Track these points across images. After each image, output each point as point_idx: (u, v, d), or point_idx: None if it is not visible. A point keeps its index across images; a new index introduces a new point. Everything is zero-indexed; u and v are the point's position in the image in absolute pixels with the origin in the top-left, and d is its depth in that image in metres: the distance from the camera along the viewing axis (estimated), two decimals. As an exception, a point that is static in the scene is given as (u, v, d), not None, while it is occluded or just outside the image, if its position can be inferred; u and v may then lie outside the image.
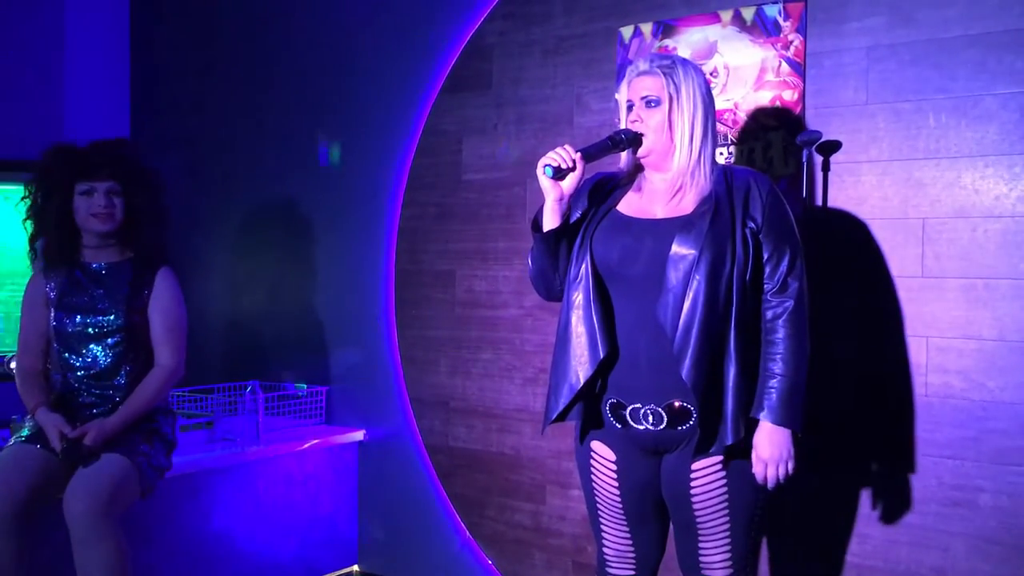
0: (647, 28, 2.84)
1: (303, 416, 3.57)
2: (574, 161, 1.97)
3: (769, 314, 1.98)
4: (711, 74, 2.69)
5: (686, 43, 2.75)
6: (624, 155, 2.09)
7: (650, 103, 2.01)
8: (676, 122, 2.00)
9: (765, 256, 1.98)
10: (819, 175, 2.55)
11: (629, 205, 2.07)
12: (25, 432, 2.65)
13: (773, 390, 1.95)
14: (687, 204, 2.00)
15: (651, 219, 2.02)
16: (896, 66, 2.45)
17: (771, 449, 1.95)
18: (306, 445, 3.37)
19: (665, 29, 2.80)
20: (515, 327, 3.15)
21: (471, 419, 3.26)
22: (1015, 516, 2.31)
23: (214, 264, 4.00)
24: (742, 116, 2.66)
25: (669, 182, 2.03)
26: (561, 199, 2.01)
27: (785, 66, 2.59)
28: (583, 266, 2.02)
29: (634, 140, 2.02)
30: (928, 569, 2.42)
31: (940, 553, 2.40)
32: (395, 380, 3.46)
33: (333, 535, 3.49)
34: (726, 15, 2.68)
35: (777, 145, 2.61)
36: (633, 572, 2.16)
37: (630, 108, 2.05)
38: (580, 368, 2.00)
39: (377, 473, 3.51)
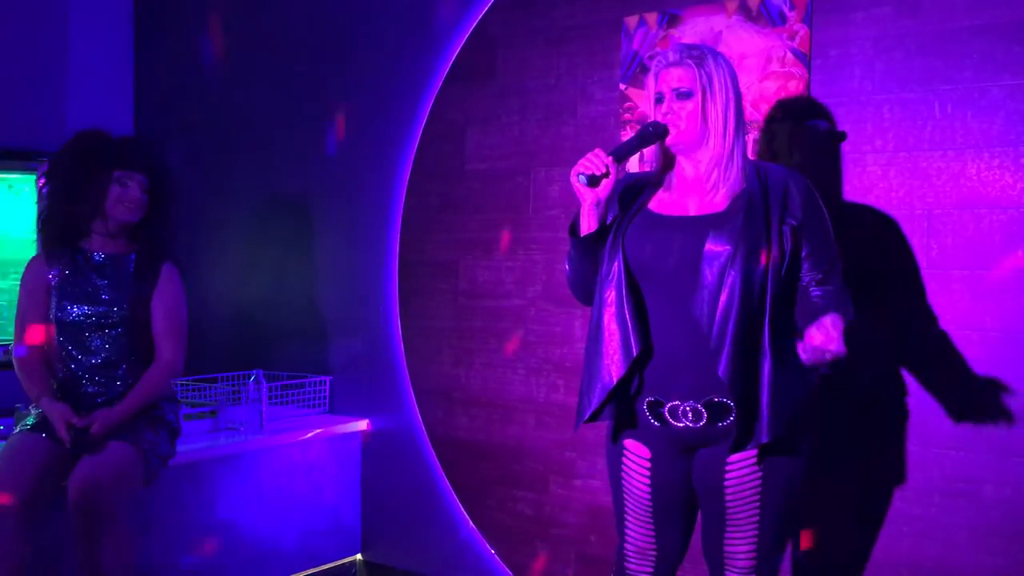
0: (652, 18, 2.83)
1: (306, 405, 3.57)
2: (607, 166, 1.97)
3: (812, 292, 2.00)
4: (716, 64, 2.68)
5: (691, 33, 2.74)
6: (651, 151, 2.08)
7: (682, 95, 1.99)
8: (710, 113, 1.98)
9: (805, 252, 1.98)
10: (824, 166, 2.54)
11: (661, 203, 2.06)
12: (31, 420, 2.65)
13: (818, 299, 1.97)
14: (720, 200, 1.99)
15: (684, 216, 2.01)
16: (902, 56, 2.45)
17: (820, 335, 1.90)
18: (309, 434, 3.37)
19: (670, 19, 2.79)
20: (518, 317, 3.15)
21: (474, 409, 3.26)
22: (1018, 508, 2.31)
23: (218, 254, 4.00)
24: (747, 106, 2.65)
25: (703, 173, 2.01)
26: (597, 203, 2.01)
27: (790, 56, 2.58)
28: (615, 264, 2.01)
29: (662, 134, 2.01)
30: (931, 560, 2.42)
31: (943, 544, 2.40)
32: (398, 370, 3.46)
33: (336, 524, 3.49)
34: (731, 4, 2.67)
35: (782, 136, 2.60)
36: (651, 570, 2.14)
37: (659, 100, 2.03)
38: (613, 367, 2.00)
39: (380, 463, 3.52)
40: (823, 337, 1.89)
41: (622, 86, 2.89)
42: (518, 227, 3.13)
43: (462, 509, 3.30)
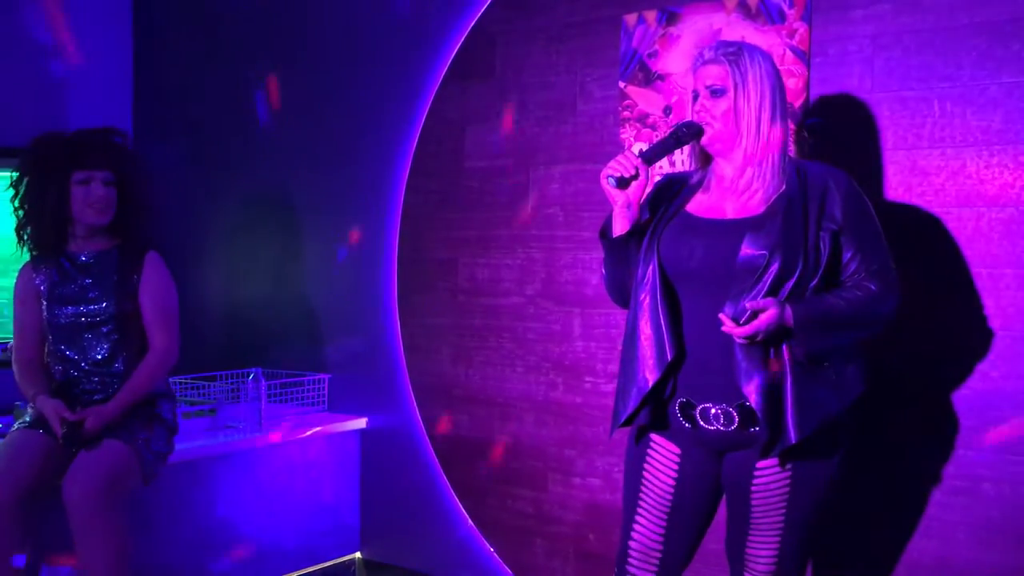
0: (651, 15, 2.83)
1: (305, 404, 3.57)
2: (636, 168, 1.96)
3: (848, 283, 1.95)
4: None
5: (690, 30, 2.74)
6: (688, 151, 2.07)
7: (715, 92, 1.98)
8: (742, 110, 1.96)
9: (847, 256, 1.94)
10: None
11: (699, 205, 2.04)
12: (28, 418, 2.66)
13: (812, 295, 1.90)
14: (757, 202, 1.96)
15: (720, 219, 1.99)
16: (901, 54, 2.44)
17: (768, 318, 1.84)
18: (308, 433, 3.37)
19: (669, 17, 2.79)
20: (517, 315, 3.14)
21: (473, 407, 3.26)
22: (1017, 506, 2.31)
23: (217, 251, 4.00)
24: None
25: (738, 172, 1.99)
26: (628, 206, 2.00)
27: (789, 54, 2.58)
28: (650, 267, 1.99)
29: (697, 133, 1.99)
30: (930, 558, 2.42)
31: (942, 543, 2.40)
32: (397, 368, 3.46)
33: (335, 522, 3.49)
34: (730, 2, 2.67)
35: (781, 133, 2.60)
36: (654, 574, 2.11)
37: (695, 98, 2.02)
38: (648, 371, 1.98)
39: (379, 460, 3.52)
40: (756, 323, 1.83)
41: (621, 84, 2.89)
42: (517, 225, 3.13)
43: (461, 507, 3.30)
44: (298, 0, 3.72)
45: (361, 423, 3.53)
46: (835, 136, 2.52)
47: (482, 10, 3.20)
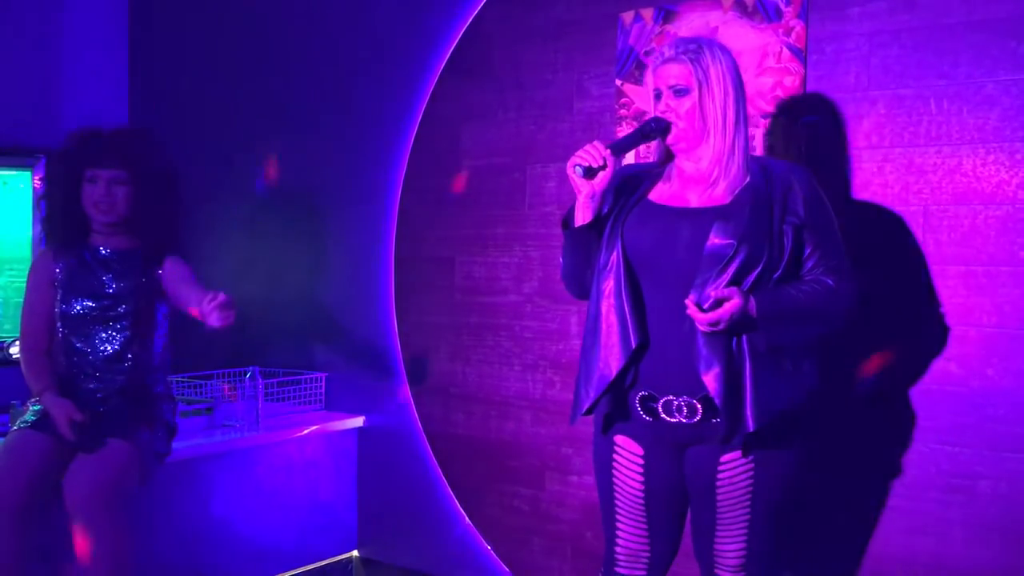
0: (648, 13, 2.83)
1: (303, 402, 3.57)
2: (604, 159, 1.95)
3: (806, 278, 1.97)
4: (712, 60, 2.68)
5: (687, 28, 2.74)
6: (654, 146, 2.07)
7: (679, 91, 1.97)
8: (708, 109, 1.96)
9: (807, 251, 1.96)
10: (820, 162, 2.54)
11: (661, 194, 2.04)
12: (29, 417, 2.64)
13: (773, 287, 1.91)
14: (722, 193, 1.96)
15: (685, 207, 1.99)
16: (898, 52, 2.44)
17: (731, 307, 1.84)
18: (306, 431, 3.37)
19: (666, 15, 2.79)
20: (514, 314, 3.15)
21: (470, 405, 3.26)
22: (1014, 503, 2.31)
23: (214, 250, 3.99)
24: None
25: (703, 170, 1.99)
26: (593, 195, 1.99)
27: (786, 52, 2.58)
28: (614, 254, 1.99)
29: (664, 129, 1.99)
30: (926, 556, 2.43)
31: (938, 540, 2.41)
32: (394, 366, 3.46)
33: (332, 521, 3.49)
34: (727, 0, 2.67)
35: (778, 132, 2.60)
36: (644, 574, 2.11)
37: (658, 97, 2.02)
38: (612, 359, 1.97)
39: (376, 459, 3.52)
40: (720, 311, 1.84)
41: (618, 82, 2.89)
42: (514, 223, 3.13)
43: (458, 505, 3.30)
44: (295, -2, 3.73)
45: (358, 422, 3.53)
46: (832, 134, 2.52)
47: (479, 7, 3.20)
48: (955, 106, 2.37)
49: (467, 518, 3.28)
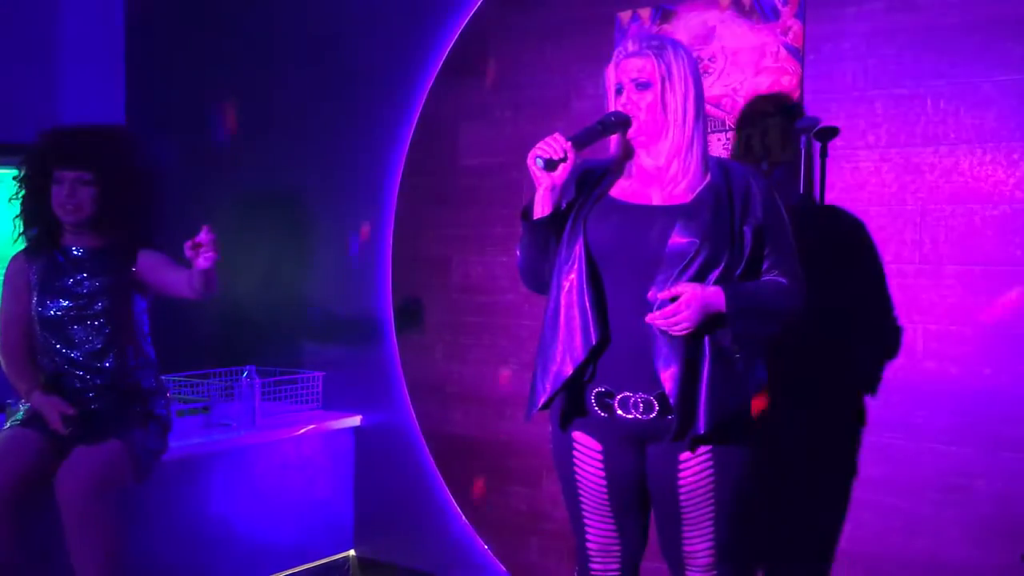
0: (645, 13, 2.83)
1: (300, 401, 3.57)
2: (565, 151, 1.94)
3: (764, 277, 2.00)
4: (709, 59, 2.69)
5: (684, 28, 2.74)
6: (614, 139, 2.07)
7: (641, 85, 1.99)
8: (669, 103, 1.97)
9: (766, 252, 1.98)
10: (817, 161, 2.54)
11: (622, 191, 2.04)
12: (20, 416, 2.65)
13: (736, 282, 1.93)
14: (683, 191, 1.97)
15: (647, 205, 2.00)
16: (895, 52, 2.45)
17: (691, 299, 1.86)
18: (302, 430, 3.36)
19: (663, 14, 2.79)
20: (511, 313, 3.14)
21: (467, 404, 3.26)
22: (1010, 502, 2.32)
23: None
24: (740, 102, 2.65)
25: (662, 166, 2.00)
26: (553, 188, 1.98)
27: (783, 51, 2.58)
28: (576, 248, 1.98)
29: (624, 123, 2.00)
30: (923, 555, 2.43)
31: (934, 539, 2.41)
32: (391, 366, 3.45)
33: (329, 520, 3.49)
34: (724, 0, 2.67)
35: (775, 131, 2.60)
36: (618, 567, 2.11)
37: (619, 91, 2.03)
38: (570, 354, 1.97)
39: (373, 458, 3.51)
40: (674, 306, 1.86)
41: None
42: (511, 222, 3.12)
43: (455, 504, 3.30)
44: (292, -3, 3.72)
45: (355, 421, 3.53)
46: (828, 134, 2.53)
47: (476, 7, 3.20)
48: (952, 106, 2.38)
49: (464, 517, 3.28)
